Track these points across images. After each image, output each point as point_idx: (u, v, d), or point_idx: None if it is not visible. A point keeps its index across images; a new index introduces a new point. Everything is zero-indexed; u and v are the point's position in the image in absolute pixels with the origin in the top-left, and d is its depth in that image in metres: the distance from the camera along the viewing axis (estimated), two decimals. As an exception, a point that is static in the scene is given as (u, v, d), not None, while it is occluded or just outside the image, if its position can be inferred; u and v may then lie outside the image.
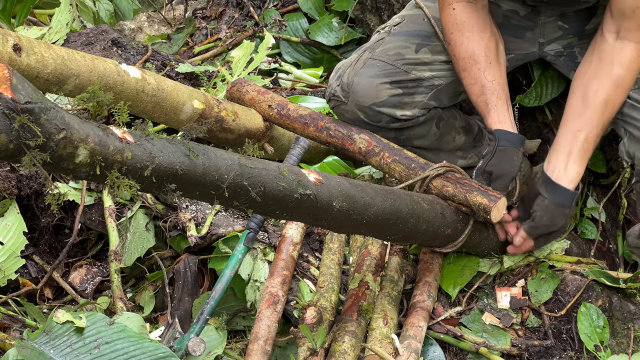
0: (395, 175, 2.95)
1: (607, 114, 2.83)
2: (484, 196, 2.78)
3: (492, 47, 2.92)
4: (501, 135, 2.88)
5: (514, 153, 2.89)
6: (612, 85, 2.81)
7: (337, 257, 3.00)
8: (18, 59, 2.47)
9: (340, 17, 4.37)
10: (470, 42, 2.90)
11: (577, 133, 2.83)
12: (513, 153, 2.89)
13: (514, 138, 2.89)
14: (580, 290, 2.85)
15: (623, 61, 2.80)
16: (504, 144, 2.88)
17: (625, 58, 2.80)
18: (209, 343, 2.74)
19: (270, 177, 2.14)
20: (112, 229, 3.13)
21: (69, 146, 1.71)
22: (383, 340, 2.68)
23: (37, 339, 2.41)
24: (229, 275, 2.71)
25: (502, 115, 2.91)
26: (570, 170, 2.83)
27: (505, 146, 2.88)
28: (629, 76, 2.81)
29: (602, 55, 2.82)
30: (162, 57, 3.81)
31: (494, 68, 2.91)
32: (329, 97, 3.10)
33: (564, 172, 2.83)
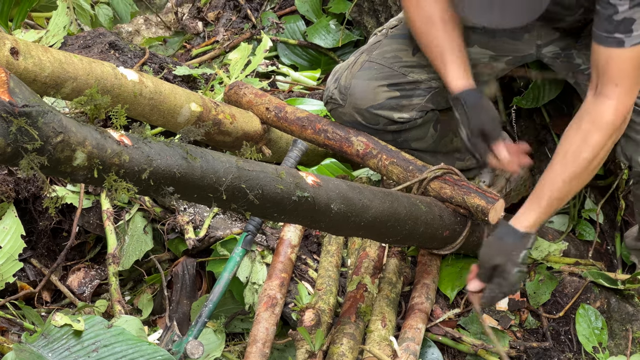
0: (393, 178, 2.95)
1: (573, 168, 2.71)
2: (481, 198, 2.78)
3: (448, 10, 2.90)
4: (467, 95, 2.87)
5: (487, 103, 2.89)
6: (580, 140, 2.70)
7: (335, 260, 3.00)
8: (15, 62, 2.47)
9: (338, 20, 4.38)
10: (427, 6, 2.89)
11: (543, 184, 2.75)
12: (486, 104, 2.89)
13: (476, 93, 2.88)
14: (578, 291, 2.85)
15: (594, 118, 2.70)
16: (473, 100, 2.86)
17: (597, 115, 2.69)
18: (207, 346, 2.74)
19: (268, 179, 2.14)
20: (110, 232, 3.13)
21: (66, 149, 1.71)
22: (381, 343, 2.68)
23: (35, 342, 2.41)
24: (227, 278, 2.71)
25: (461, 72, 2.89)
26: (525, 214, 2.74)
27: (475, 102, 2.87)
28: (598, 134, 2.69)
29: (580, 110, 2.75)
30: (160, 59, 3.81)
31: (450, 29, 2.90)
32: (326, 99, 3.10)
33: (519, 215, 2.75)
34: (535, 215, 2.72)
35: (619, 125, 2.71)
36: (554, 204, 2.73)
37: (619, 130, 2.73)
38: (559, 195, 2.72)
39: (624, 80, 2.66)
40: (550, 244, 2.91)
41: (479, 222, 2.85)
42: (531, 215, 2.73)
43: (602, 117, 2.69)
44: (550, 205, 2.72)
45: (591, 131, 2.69)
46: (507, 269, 2.67)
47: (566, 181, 2.71)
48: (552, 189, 2.72)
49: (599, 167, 2.76)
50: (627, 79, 2.67)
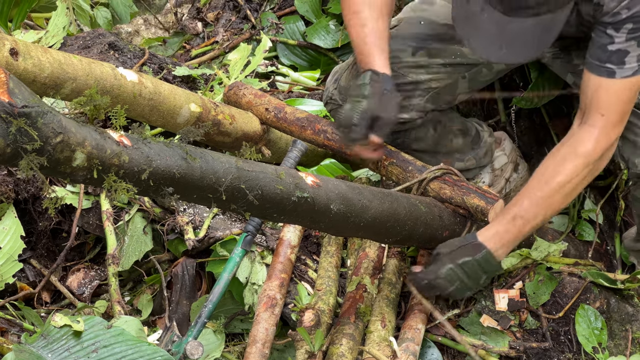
0: (393, 178, 2.96)
1: (543, 191, 2.67)
2: (481, 198, 2.78)
3: None
4: (386, 79, 2.78)
5: (396, 99, 2.80)
6: (556, 164, 2.69)
7: (334, 260, 3.00)
8: (15, 63, 2.47)
9: (337, 20, 4.38)
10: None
11: (513, 201, 2.72)
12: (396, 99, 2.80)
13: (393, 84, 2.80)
14: (578, 292, 2.85)
15: (574, 145, 2.67)
16: (391, 87, 2.78)
17: (577, 141, 2.67)
18: (207, 346, 2.74)
19: (268, 180, 2.14)
20: (109, 232, 3.13)
21: (66, 150, 1.71)
22: (381, 343, 2.68)
23: (34, 343, 2.41)
24: (226, 279, 2.71)
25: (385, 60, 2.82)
26: (489, 226, 2.72)
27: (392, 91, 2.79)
28: (574, 161, 2.66)
29: (567, 134, 2.72)
30: (159, 60, 3.81)
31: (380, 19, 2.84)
32: (326, 100, 3.10)
33: (485, 228, 2.73)
34: (495, 229, 2.69)
35: (597, 157, 2.67)
36: (517, 222, 2.67)
37: (596, 162, 2.68)
38: (525, 214, 2.67)
39: (610, 111, 2.64)
40: (550, 245, 2.91)
41: (478, 222, 2.85)
42: (493, 227, 2.70)
43: (581, 144, 2.67)
44: (513, 223, 2.67)
45: (568, 157, 2.67)
46: (443, 260, 2.69)
47: (533, 202, 2.67)
48: (519, 207, 2.68)
49: (572, 195, 2.72)
50: (614, 110, 2.64)
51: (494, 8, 2.40)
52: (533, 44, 2.48)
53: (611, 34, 2.57)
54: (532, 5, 2.37)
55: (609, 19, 2.57)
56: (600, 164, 2.71)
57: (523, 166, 3.45)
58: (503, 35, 2.44)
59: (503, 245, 2.69)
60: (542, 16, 2.41)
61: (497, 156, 3.39)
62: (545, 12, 2.40)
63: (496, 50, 2.48)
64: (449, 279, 2.70)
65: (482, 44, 2.49)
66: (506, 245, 2.70)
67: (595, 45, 2.63)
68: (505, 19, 2.41)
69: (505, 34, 2.44)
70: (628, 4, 2.52)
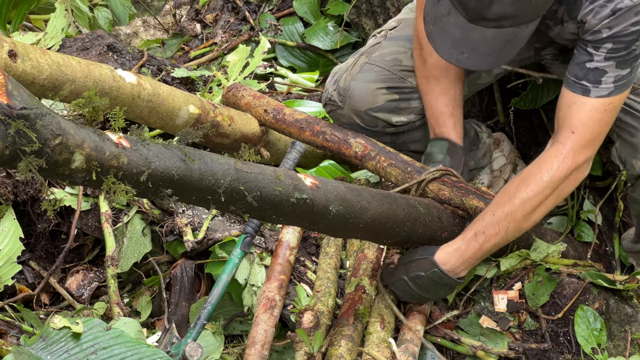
0: (392, 179, 2.95)
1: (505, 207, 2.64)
2: (480, 199, 2.78)
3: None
4: (462, 151, 2.99)
5: (469, 166, 3.06)
6: (520, 180, 2.67)
7: (333, 261, 3.00)
8: (13, 64, 2.47)
9: (336, 21, 4.38)
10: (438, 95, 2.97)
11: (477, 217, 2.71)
12: (468, 166, 3.04)
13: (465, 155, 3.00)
14: (577, 293, 2.85)
15: (541, 161, 2.65)
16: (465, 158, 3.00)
17: (545, 158, 2.65)
18: (206, 348, 2.74)
19: (267, 181, 2.14)
20: (108, 234, 3.13)
21: (64, 152, 1.71)
22: (380, 344, 2.68)
23: (34, 345, 2.41)
24: (225, 280, 2.71)
25: (460, 130, 2.99)
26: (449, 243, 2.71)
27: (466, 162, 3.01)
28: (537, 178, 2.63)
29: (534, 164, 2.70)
30: (158, 62, 3.81)
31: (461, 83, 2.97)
32: (325, 101, 3.10)
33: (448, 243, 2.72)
34: (457, 245, 2.68)
35: (561, 177, 2.63)
36: (479, 239, 2.66)
37: (562, 183, 2.64)
38: (486, 231, 2.65)
39: (581, 129, 2.60)
40: (549, 246, 2.91)
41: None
42: (455, 243, 2.69)
43: (547, 163, 2.64)
44: (475, 239, 2.66)
45: (532, 175, 2.64)
46: (398, 270, 2.74)
47: (496, 219, 2.65)
48: (481, 223, 2.67)
49: (536, 215, 2.67)
50: (585, 129, 2.60)
51: (460, 13, 2.40)
52: (494, 55, 2.46)
53: (591, 51, 2.56)
54: (494, 18, 2.35)
55: (590, 37, 2.55)
56: (567, 185, 2.66)
57: (522, 167, 3.45)
58: (466, 41, 2.43)
59: (464, 261, 2.69)
60: (505, 29, 2.39)
61: (496, 157, 3.39)
62: (509, 25, 2.39)
63: (457, 54, 2.47)
64: (401, 288, 2.75)
65: (445, 46, 2.48)
66: (467, 262, 2.70)
67: (575, 61, 2.62)
68: (468, 25, 2.40)
69: (467, 40, 2.43)
70: (609, 23, 2.50)
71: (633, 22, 2.49)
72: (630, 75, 2.58)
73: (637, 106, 2.80)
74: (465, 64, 2.53)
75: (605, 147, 3.35)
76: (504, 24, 2.37)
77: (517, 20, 2.38)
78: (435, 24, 2.47)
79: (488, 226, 2.65)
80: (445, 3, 2.42)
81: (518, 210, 2.63)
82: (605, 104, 2.59)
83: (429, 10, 2.49)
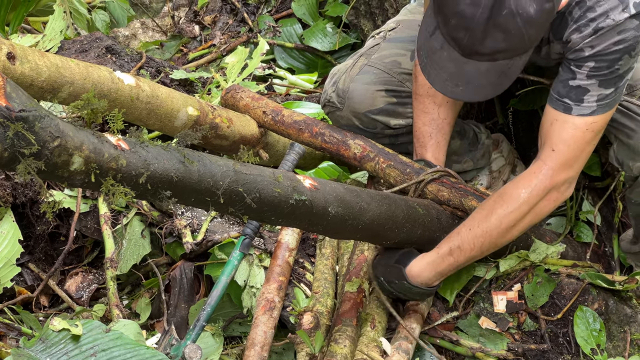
0: (391, 180, 2.95)
1: (482, 222, 2.64)
2: (479, 200, 2.78)
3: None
4: None
5: None
6: (498, 195, 2.66)
7: (330, 262, 3.00)
8: (12, 67, 2.47)
9: (334, 23, 4.38)
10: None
11: (456, 231, 2.70)
12: None
13: None
14: (576, 293, 2.85)
15: (520, 178, 2.64)
16: None
17: (524, 175, 2.64)
18: (205, 349, 2.74)
19: (266, 183, 2.14)
20: (107, 236, 3.13)
21: (63, 154, 1.71)
22: (369, 344, 2.68)
23: (33, 347, 2.41)
24: (225, 282, 2.71)
25: (439, 154, 2.99)
26: (423, 255, 2.72)
27: None
28: (514, 195, 2.61)
29: (513, 181, 2.68)
30: (157, 63, 3.81)
31: (449, 108, 2.97)
32: (324, 102, 3.10)
33: (424, 254, 2.72)
34: (432, 258, 2.69)
35: (538, 196, 2.61)
36: (455, 253, 2.66)
37: (539, 202, 2.61)
38: (462, 245, 2.66)
39: (561, 148, 2.58)
40: (548, 246, 2.91)
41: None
42: (431, 255, 2.70)
43: (525, 180, 2.62)
44: (450, 253, 2.66)
45: (510, 192, 2.63)
46: (377, 269, 2.78)
47: (472, 234, 2.65)
48: (458, 237, 2.67)
49: (512, 233, 2.66)
50: (565, 148, 2.58)
51: (453, 48, 2.40)
52: (489, 86, 2.46)
53: (574, 69, 2.55)
54: (488, 53, 2.35)
55: (572, 55, 2.54)
56: (544, 205, 2.64)
57: (521, 168, 3.45)
58: (460, 74, 2.43)
59: (437, 274, 2.71)
60: (499, 62, 2.39)
61: (495, 158, 3.39)
62: (502, 58, 2.38)
63: (453, 87, 2.47)
64: (381, 287, 2.79)
65: (440, 79, 2.47)
66: (440, 274, 2.72)
67: (559, 79, 2.61)
68: (462, 59, 2.39)
69: (462, 73, 2.42)
70: (591, 42, 2.49)
71: (615, 42, 2.48)
72: (614, 95, 2.56)
73: (635, 108, 2.80)
74: (461, 97, 2.54)
75: (605, 148, 3.35)
76: (497, 57, 2.37)
77: (510, 53, 2.37)
78: (428, 57, 2.46)
79: (464, 241, 2.66)
80: (438, 38, 2.41)
81: (494, 228, 2.64)
82: (588, 123, 2.57)
83: (422, 44, 2.48)
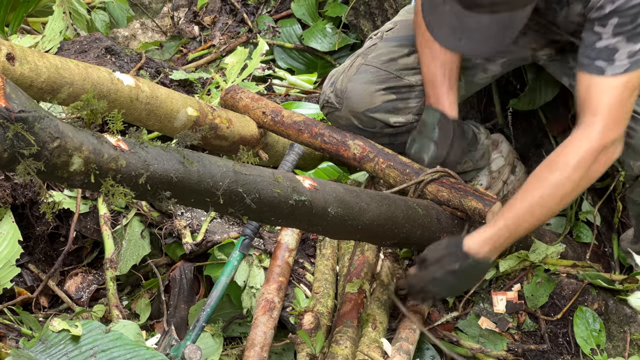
0: (390, 181, 2.95)
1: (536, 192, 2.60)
2: (479, 201, 2.78)
3: None
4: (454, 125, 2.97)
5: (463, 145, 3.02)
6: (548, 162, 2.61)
7: (330, 263, 3.00)
8: (11, 67, 2.47)
9: (334, 23, 4.38)
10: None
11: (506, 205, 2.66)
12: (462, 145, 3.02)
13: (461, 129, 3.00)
14: (576, 293, 2.85)
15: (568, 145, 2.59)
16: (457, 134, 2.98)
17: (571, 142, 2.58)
18: (205, 350, 2.73)
19: (265, 183, 2.14)
20: (107, 236, 3.13)
21: (63, 154, 1.71)
22: (371, 345, 2.68)
23: (33, 348, 2.41)
24: (224, 282, 2.71)
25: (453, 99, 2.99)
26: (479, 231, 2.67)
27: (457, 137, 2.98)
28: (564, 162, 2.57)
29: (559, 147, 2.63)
30: (156, 64, 3.81)
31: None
32: (322, 103, 3.10)
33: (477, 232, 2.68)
34: (489, 234, 2.64)
35: (589, 160, 2.57)
36: (510, 225, 2.61)
37: (590, 165, 2.58)
38: (516, 218, 2.61)
39: (602, 111, 2.55)
40: (548, 247, 2.91)
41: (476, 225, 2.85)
42: (486, 231, 2.65)
43: (575, 145, 2.59)
44: (506, 225, 2.61)
45: (560, 160, 2.59)
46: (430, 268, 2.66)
47: (525, 204, 2.61)
48: (512, 210, 2.62)
49: (566, 199, 2.62)
50: (606, 110, 2.55)
51: (454, 1, 2.41)
52: (491, 39, 2.46)
53: (598, 30, 2.52)
54: (487, 4, 2.36)
55: (595, 14, 2.52)
56: (596, 168, 2.61)
57: (520, 168, 3.45)
58: (462, 27, 2.44)
59: (496, 248, 2.66)
60: (500, 14, 2.39)
61: (495, 158, 3.39)
62: (503, 10, 2.38)
63: (456, 41, 2.48)
64: (438, 285, 2.68)
65: (443, 34, 2.48)
66: (499, 249, 2.67)
67: (585, 44, 2.58)
68: (464, 12, 2.41)
69: (464, 26, 2.44)
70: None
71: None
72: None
73: (635, 107, 2.80)
74: (464, 50, 2.54)
75: (604, 148, 3.35)
76: (498, 9, 2.38)
77: (511, 5, 2.38)
78: (431, 13, 2.47)
79: (520, 213, 2.61)
80: None
81: (549, 196, 2.59)
82: (624, 82, 2.54)
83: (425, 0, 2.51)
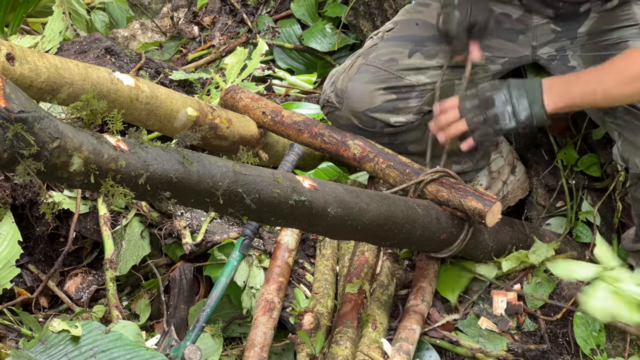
0: (390, 181, 2.95)
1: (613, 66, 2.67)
2: (479, 201, 2.78)
3: None
4: None
5: (485, 1, 2.92)
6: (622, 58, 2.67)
7: (330, 263, 3.00)
8: (11, 68, 2.47)
9: (334, 23, 4.38)
10: None
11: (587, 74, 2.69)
12: (484, 1, 2.92)
13: None
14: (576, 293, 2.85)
15: (627, 54, 2.66)
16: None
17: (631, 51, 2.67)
18: (205, 350, 2.73)
19: (265, 183, 2.14)
20: (107, 237, 3.13)
21: (63, 155, 1.71)
22: (371, 345, 2.68)
23: (32, 348, 2.41)
24: (224, 283, 2.71)
25: None
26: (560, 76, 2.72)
27: None
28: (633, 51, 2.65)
29: None
30: (156, 64, 3.81)
31: None
32: (322, 103, 3.10)
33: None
34: (563, 78, 2.70)
35: None
36: (589, 82, 2.65)
37: None
38: (590, 77, 2.66)
39: None
40: (548, 249, 2.91)
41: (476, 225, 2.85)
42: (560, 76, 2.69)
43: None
44: (585, 82, 2.66)
45: (631, 55, 2.68)
46: (495, 84, 2.76)
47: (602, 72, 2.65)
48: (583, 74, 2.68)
49: None
50: None
51: None
52: None
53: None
54: None
55: None
56: None
57: (520, 168, 3.45)
58: None
59: (566, 92, 2.70)
60: None
61: (494, 159, 3.39)
62: None
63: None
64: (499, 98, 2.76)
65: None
66: (569, 94, 2.70)
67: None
68: None
69: None
70: None
71: None
72: None
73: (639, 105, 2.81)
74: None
75: (604, 148, 3.35)
76: None
77: None
78: None
79: (593, 75, 2.67)
80: None
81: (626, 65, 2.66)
82: None
83: None
